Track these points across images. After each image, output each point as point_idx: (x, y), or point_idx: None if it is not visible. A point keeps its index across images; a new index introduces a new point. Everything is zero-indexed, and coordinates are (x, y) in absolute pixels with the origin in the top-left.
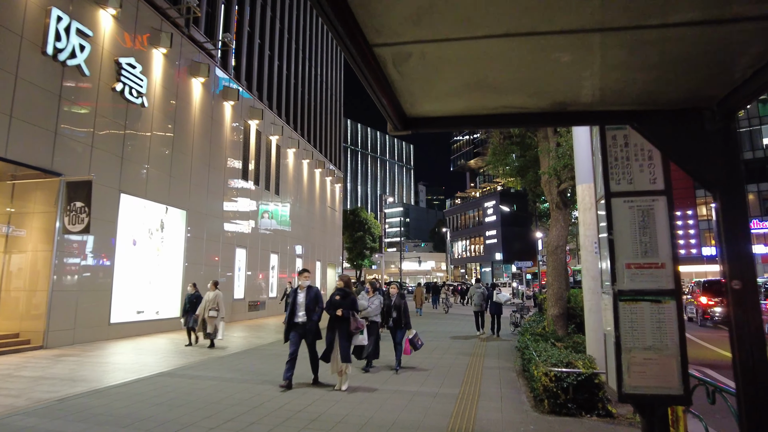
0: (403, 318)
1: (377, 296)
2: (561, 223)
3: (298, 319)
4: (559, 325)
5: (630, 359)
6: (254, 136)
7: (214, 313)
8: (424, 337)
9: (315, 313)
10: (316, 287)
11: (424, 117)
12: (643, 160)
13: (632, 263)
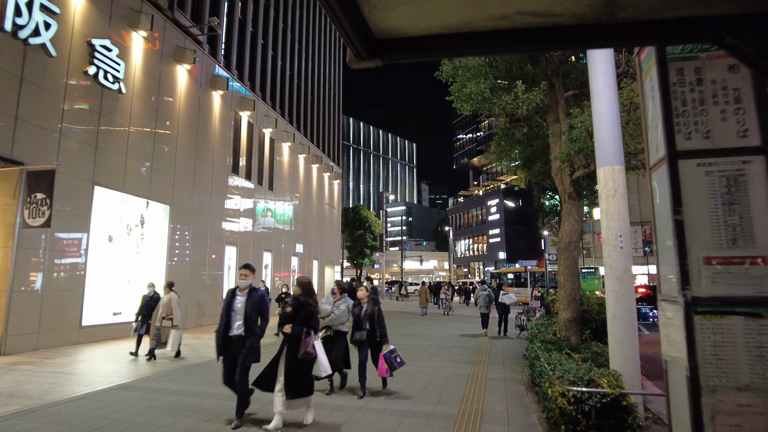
0: (378, 330)
1: (345, 300)
2: (574, 216)
3: (233, 332)
4: (572, 330)
5: (714, 405)
6: (245, 129)
7: (167, 322)
8: (423, 342)
9: (256, 325)
10: (261, 290)
11: (398, 37)
12: (727, 103)
13: (715, 257)
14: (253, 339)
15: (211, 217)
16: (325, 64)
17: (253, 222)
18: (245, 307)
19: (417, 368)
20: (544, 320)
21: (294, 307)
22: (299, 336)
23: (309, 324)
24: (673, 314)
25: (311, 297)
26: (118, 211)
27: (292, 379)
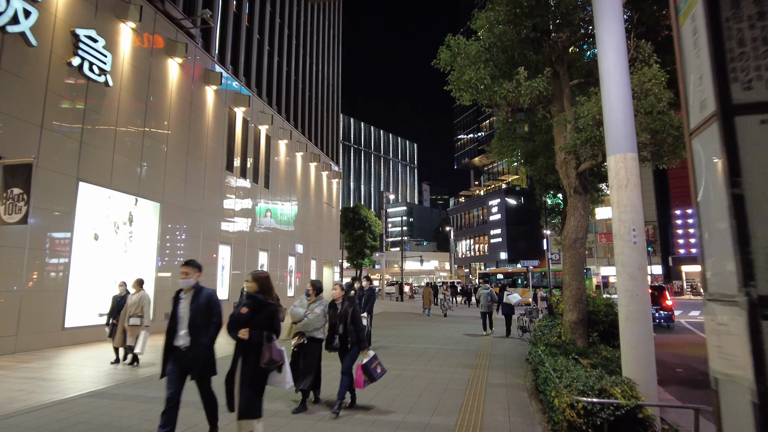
0: (354, 334)
1: (320, 302)
2: (580, 212)
3: (179, 342)
4: (578, 333)
5: None
6: (240, 125)
7: (136, 320)
8: (421, 344)
9: (205, 332)
10: (210, 290)
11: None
12: None
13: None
14: (198, 350)
15: (204, 216)
16: (324, 61)
17: (249, 221)
18: (190, 310)
19: (413, 372)
20: (547, 321)
21: (251, 308)
22: (259, 341)
23: (271, 327)
24: (728, 319)
25: (270, 294)
26: (105, 209)
27: (242, 394)
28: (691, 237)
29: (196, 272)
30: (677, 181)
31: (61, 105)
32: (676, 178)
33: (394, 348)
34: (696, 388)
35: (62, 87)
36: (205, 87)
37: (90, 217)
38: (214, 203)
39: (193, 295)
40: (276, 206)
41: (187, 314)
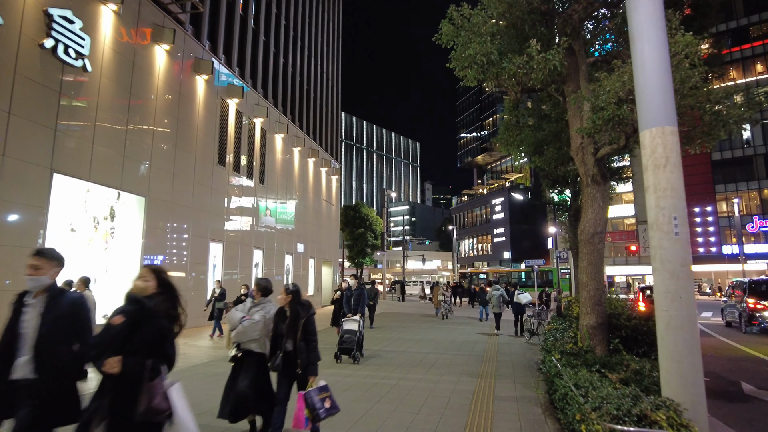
0: (305, 353)
1: (264, 306)
2: (599, 203)
3: (16, 371)
4: (597, 339)
5: None
6: (233, 118)
7: None
8: (422, 348)
9: (61, 358)
10: (75, 294)
11: None
12: None
13: None
14: (48, 386)
15: (193, 212)
16: (322, 54)
17: (243, 218)
18: (38, 325)
19: (411, 382)
20: (557, 324)
21: (129, 318)
22: (139, 376)
23: (159, 351)
24: None
25: (168, 299)
26: (83, 203)
27: None
28: (698, 236)
29: (52, 266)
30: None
31: (32, 90)
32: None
33: (391, 353)
34: (731, 402)
35: (34, 70)
36: (195, 77)
37: (66, 211)
38: (204, 199)
39: (46, 300)
40: (272, 203)
41: (33, 330)
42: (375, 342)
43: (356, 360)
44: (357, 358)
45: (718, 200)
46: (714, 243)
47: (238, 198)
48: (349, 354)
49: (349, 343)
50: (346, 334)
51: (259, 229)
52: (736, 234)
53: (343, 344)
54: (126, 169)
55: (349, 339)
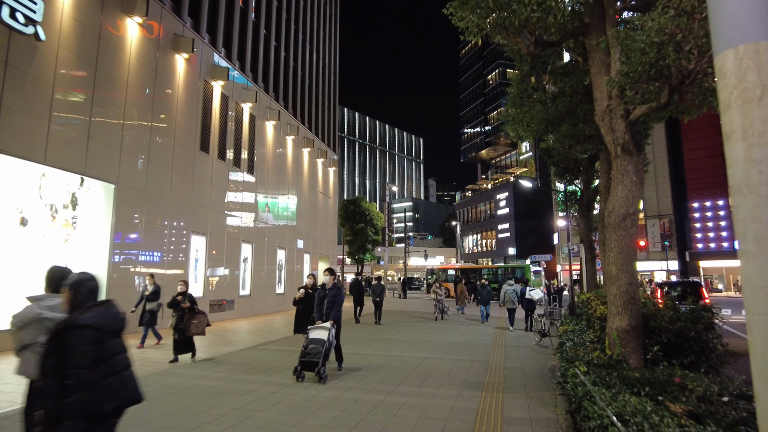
0: (51, 399)
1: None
2: (631, 177)
3: None
4: (630, 346)
5: None
6: (218, 101)
7: None
8: (418, 352)
9: None
10: None
11: None
12: None
13: None
14: None
15: (172, 202)
16: (320, 40)
17: (229, 209)
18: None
19: (401, 398)
20: (573, 325)
21: None
22: None
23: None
24: None
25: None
26: (37, 189)
27: None
28: (709, 231)
29: None
30: (695, 172)
31: None
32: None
33: (381, 358)
34: None
35: None
36: (174, 55)
37: (14, 197)
38: (185, 188)
39: None
40: (263, 194)
41: None
42: (366, 344)
43: (322, 378)
44: (323, 375)
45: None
46: (726, 238)
47: (223, 188)
48: (313, 369)
49: (314, 355)
50: (312, 343)
51: (249, 221)
52: None
53: (306, 356)
54: (91, 153)
55: (314, 350)
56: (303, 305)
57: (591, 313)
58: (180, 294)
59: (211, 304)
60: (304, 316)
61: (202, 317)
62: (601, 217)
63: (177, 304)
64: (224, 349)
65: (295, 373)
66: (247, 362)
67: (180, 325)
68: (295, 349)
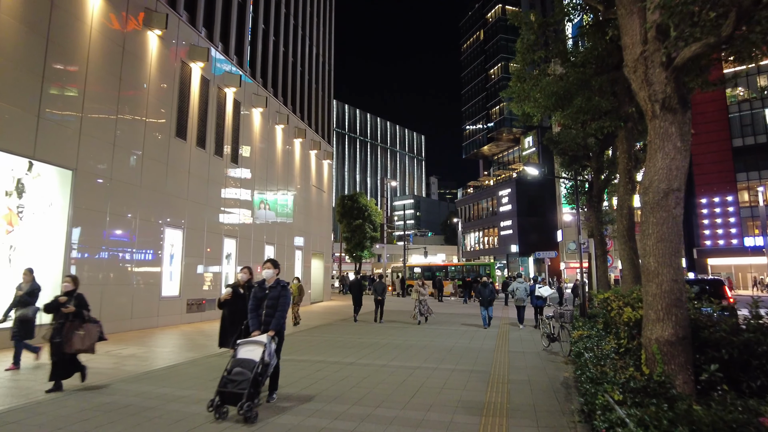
0: None
1: None
2: (675, 142)
3: None
4: (676, 363)
5: None
6: (198, 84)
7: None
8: (408, 360)
9: None
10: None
11: None
12: None
13: None
14: None
15: (143, 192)
16: (312, 25)
17: (210, 201)
18: None
19: (378, 428)
20: (588, 329)
21: None
22: None
23: None
24: None
25: None
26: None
27: None
28: (718, 228)
29: None
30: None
31: None
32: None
33: (365, 368)
34: None
35: None
36: (147, 31)
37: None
38: (158, 177)
39: None
40: (248, 186)
41: None
42: (351, 351)
43: (249, 417)
44: (250, 413)
45: (740, 189)
46: (735, 235)
47: (203, 178)
48: (236, 402)
49: (238, 384)
50: (238, 366)
51: (232, 215)
52: (760, 225)
53: (227, 385)
54: (42, 134)
55: (239, 376)
56: (230, 309)
57: (612, 317)
58: (65, 294)
59: (188, 304)
60: (232, 326)
61: (93, 328)
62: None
63: (57, 308)
64: (163, 362)
65: (212, 407)
66: (177, 380)
67: (56, 338)
68: None
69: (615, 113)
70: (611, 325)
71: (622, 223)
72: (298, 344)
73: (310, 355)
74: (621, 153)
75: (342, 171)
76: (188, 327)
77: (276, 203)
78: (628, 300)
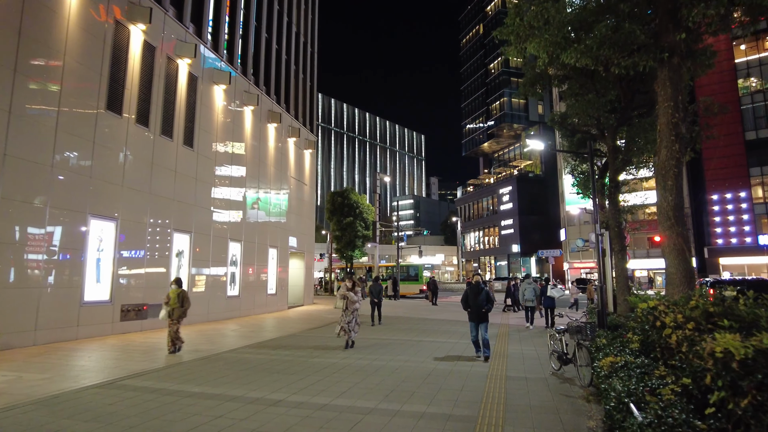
0: None
1: None
2: None
3: None
4: None
5: None
6: (139, 50)
7: None
8: (360, 397)
9: None
10: None
11: None
12: None
13: None
14: None
15: (54, 173)
16: None
17: (154, 188)
18: None
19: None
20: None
21: None
22: None
23: None
24: None
25: None
26: None
27: None
28: (730, 225)
29: None
30: (713, 162)
31: None
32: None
33: (283, 417)
34: None
35: None
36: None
37: None
38: (80, 156)
39: None
40: (206, 172)
41: None
42: (289, 377)
43: None
44: None
45: (753, 185)
46: (748, 233)
47: (145, 160)
48: None
49: None
50: None
51: (186, 206)
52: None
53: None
54: None
55: None
56: None
57: (671, 342)
58: None
59: (123, 311)
60: None
61: None
62: (661, 179)
63: None
64: (43, 391)
65: None
66: None
67: None
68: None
69: (653, 46)
70: (659, 349)
71: (666, 199)
72: (220, 368)
73: (222, 387)
74: (663, 101)
75: (341, 170)
76: (118, 339)
77: (243, 194)
78: (693, 314)
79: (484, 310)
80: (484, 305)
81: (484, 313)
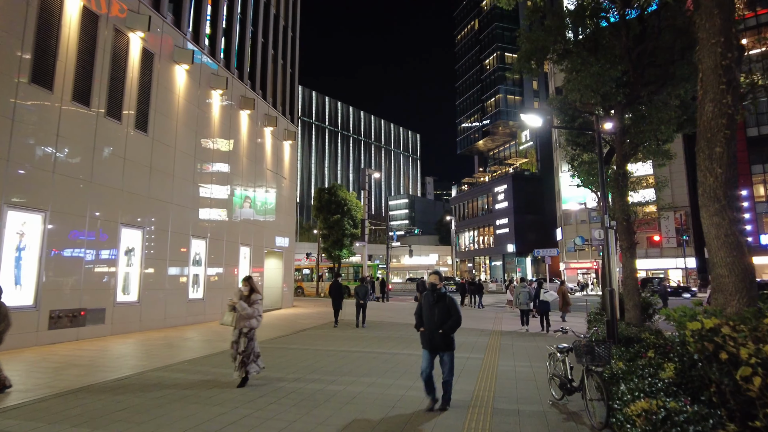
0: None
1: None
2: None
3: None
4: None
5: None
6: (77, 19)
7: None
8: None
9: None
10: None
11: None
12: None
13: None
14: None
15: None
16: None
17: (96, 176)
18: None
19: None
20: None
21: None
22: None
23: None
24: None
25: None
26: None
27: None
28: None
29: None
30: None
31: None
32: None
33: None
34: None
35: None
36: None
37: None
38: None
39: None
40: (162, 161)
41: None
42: (233, 407)
43: None
44: None
45: (755, 183)
46: (750, 232)
47: (84, 144)
48: None
49: None
50: None
51: (135, 197)
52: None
53: None
54: None
55: None
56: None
57: (754, 391)
58: None
59: (51, 318)
60: None
61: None
62: (706, 146)
63: None
64: None
65: None
66: None
67: None
68: None
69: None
70: (717, 391)
71: (713, 172)
72: (94, 408)
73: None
74: (708, 38)
75: (335, 169)
76: (39, 351)
77: (210, 187)
78: None
79: (442, 332)
80: (444, 322)
81: (444, 336)
